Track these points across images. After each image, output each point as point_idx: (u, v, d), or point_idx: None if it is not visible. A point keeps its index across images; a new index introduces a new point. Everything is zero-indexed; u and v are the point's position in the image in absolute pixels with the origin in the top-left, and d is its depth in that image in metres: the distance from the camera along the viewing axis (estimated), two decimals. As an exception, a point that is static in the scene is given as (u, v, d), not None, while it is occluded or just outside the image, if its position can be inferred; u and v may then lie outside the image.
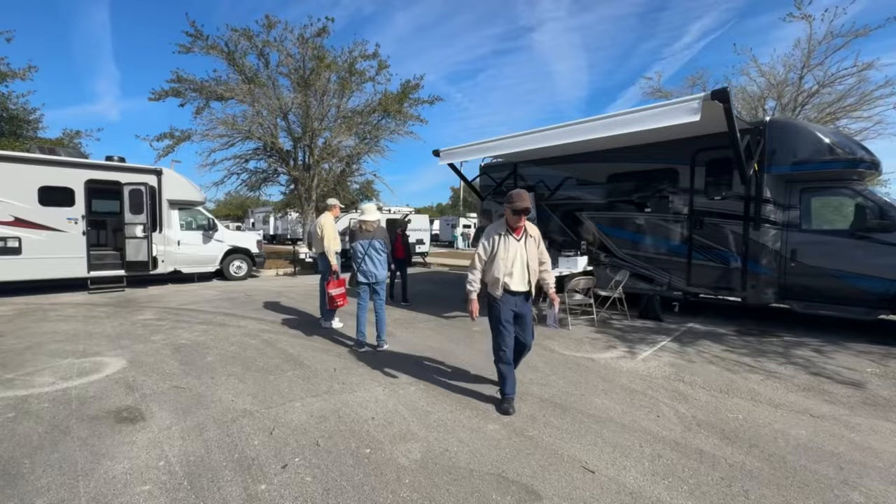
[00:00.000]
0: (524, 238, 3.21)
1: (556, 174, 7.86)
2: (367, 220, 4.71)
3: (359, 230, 4.71)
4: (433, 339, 5.34)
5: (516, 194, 3.08)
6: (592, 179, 7.27)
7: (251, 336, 5.41)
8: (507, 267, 3.14)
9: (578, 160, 7.30)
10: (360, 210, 4.91)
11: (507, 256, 3.13)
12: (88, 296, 8.41)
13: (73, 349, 4.79)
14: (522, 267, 3.18)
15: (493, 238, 3.20)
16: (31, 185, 8.15)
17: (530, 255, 3.20)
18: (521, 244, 3.18)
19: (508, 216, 3.16)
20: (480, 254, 3.24)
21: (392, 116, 14.61)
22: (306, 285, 10.39)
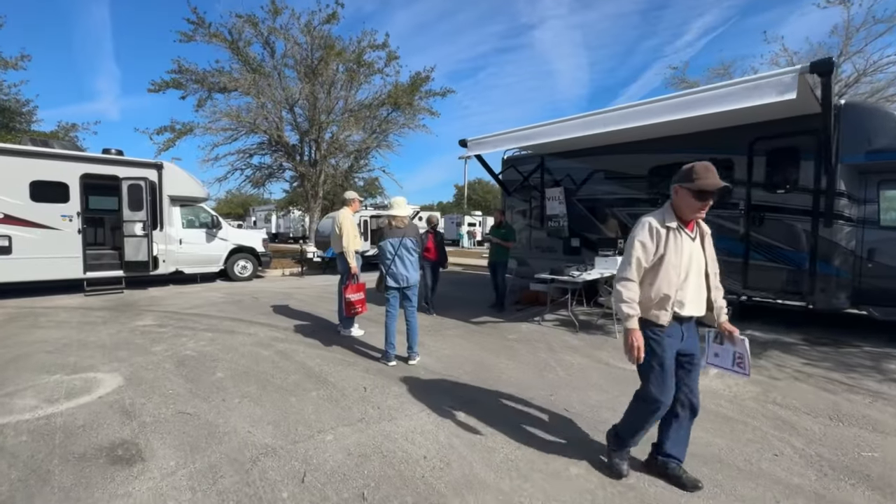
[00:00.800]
0: (698, 235, 2.18)
1: (588, 167, 7.27)
2: (398, 214, 4.12)
3: (388, 227, 4.12)
4: (467, 349, 4.76)
5: (701, 167, 2.02)
6: (631, 172, 6.68)
7: (263, 346, 4.83)
8: (680, 278, 2.09)
9: (615, 151, 6.71)
10: (388, 204, 4.32)
11: (679, 262, 2.08)
12: (84, 298, 7.83)
13: (62, 362, 4.21)
14: (700, 278, 2.16)
15: (659, 233, 2.08)
16: (22, 179, 7.56)
17: (709, 259, 2.20)
18: (696, 244, 2.15)
19: (685, 201, 2.06)
20: (640, 256, 2.10)
21: (402, 110, 14.01)
22: (316, 286, 9.81)
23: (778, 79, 3.62)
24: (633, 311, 2.06)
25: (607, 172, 7.10)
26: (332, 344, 4.94)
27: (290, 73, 12.75)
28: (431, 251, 6.65)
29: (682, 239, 2.10)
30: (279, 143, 13.06)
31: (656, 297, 2.10)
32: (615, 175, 6.95)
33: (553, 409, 3.17)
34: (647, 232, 2.10)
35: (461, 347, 4.84)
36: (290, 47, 11.88)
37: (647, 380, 2.18)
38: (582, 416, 3.07)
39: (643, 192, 6.58)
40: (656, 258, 2.09)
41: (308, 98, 12.18)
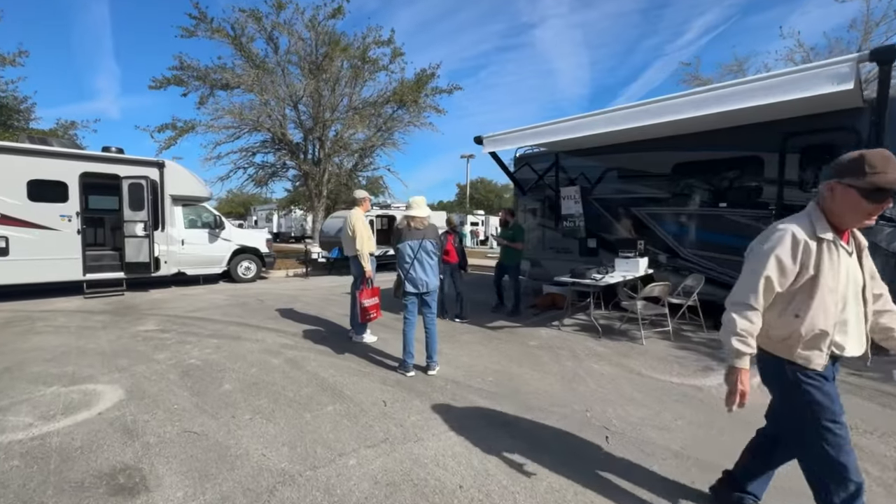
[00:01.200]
0: (854, 248, 1.66)
1: (606, 165, 7.00)
2: (417, 215, 3.86)
3: (407, 228, 3.86)
4: (487, 357, 4.50)
5: (879, 157, 1.46)
6: (652, 171, 6.42)
7: (272, 353, 4.58)
8: (838, 307, 1.57)
9: (636, 149, 6.44)
10: (406, 203, 4.05)
11: (836, 286, 1.56)
12: (84, 301, 7.58)
13: (60, 372, 3.96)
14: (858, 305, 1.63)
15: (807, 247, 1.56)
16: (20, 178, 7.31)
17: (868, 277, 1.66)
18: (853, 260, 1.63)
19: (848, 203, 1.52)
20: (773, 277, 1.58)
21: (407, 107, 13.74)
22: (322, 288, 9.56)
23: (834, 69, 3.35)
24: (747, 348, 1.61)
25: (626, 170, 6.83)
26: (345, 351, 4.68)
27: (294, 69, 12.50)
28: (452, 253, 6.21)
29: (838, 254, 1.56)
30: (283, 142, 12.80)
31: (808, 334, 1.57)
32: (635, 173, 6.68)
33: (592, 428, 2.91)
34: (790, 245, 1.55)
35: (481, 355, 4.59)
36: (294, 43, 11.62)
37: (822, 446, 1.57)
38: (625, 435, 2.81)
39: (665, 190, 6.32)
40: (804, 280, 1.56)
41: (312, 95, 11.92)
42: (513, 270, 6.59)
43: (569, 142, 6.08)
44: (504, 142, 5.93)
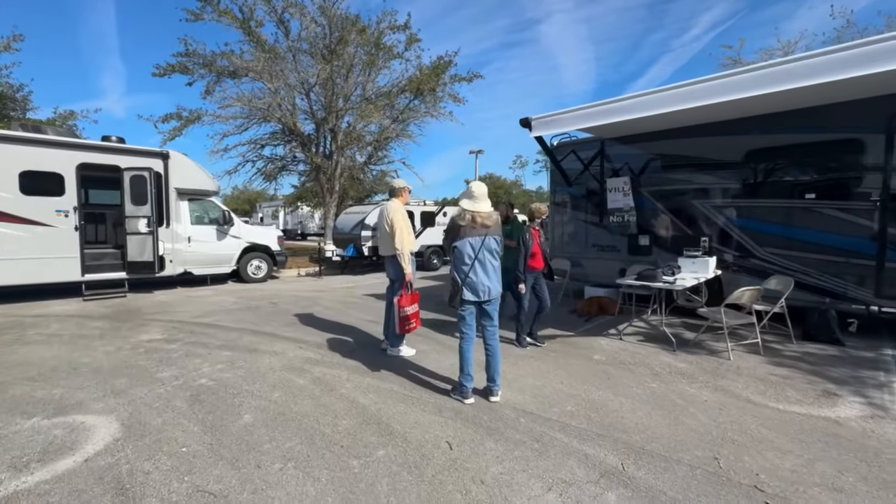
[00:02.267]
0: None
1: (662, 152, 6.24)
2: (482, 210, 3.13)
3: (470, 223, 3.12)
4: (553, 377, 3.78)
5: None
6: (720, 158, 5.65)
7: (296, 371, 3.87)
8: None
9: (699, 133, 5.67)
10: (464, 193, 3.30)
11: None
12: (82, 304, 6.93)
13: (45, 396, 3.28)
14: None
15: None
16: (11, 169, 6.65)
17: None
18: None
19: None
20: None
21: (424, 97, 12.99)
22: (338, 289, 8.87)
23: None
24: None
25: (688, 158, 6.05)
26: (381, 368, 3.97)
27: (305, 56, 11.75)
28: (538, 256, 4.63)
29: None
30: (293, 133, 12.08)
31: None
32: (699, 161, 5.91)
33: (736, 487, 2.18)
34: None
35: (544, 374, 3.86)
36: (307, 26, 10.87)
37: None
38: (789, 500, 2.08)
39: (736, 180, 5.55)
40: None
41: (325, 82, 11.19)
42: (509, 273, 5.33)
43: (626, 125, 5.31)
44: (556, 123, 5.18)
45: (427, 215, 12.26)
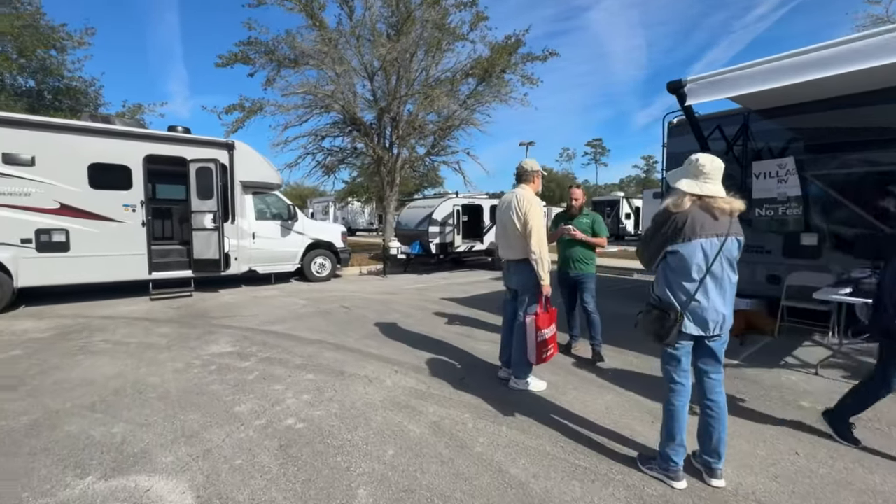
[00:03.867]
0: None
1: (838, 125, 4.79)
2: (717, 194, 2.02)
3: (699, 215, 2.01)
4: (778, 443, 2.63)
5: None
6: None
7: (403, 409, 2.98)
8: None
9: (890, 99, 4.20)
10: (679, 171, 2.19)
11: None
12: (149, 305, 6.51)
13: (104, 436, 2.58)
14: None
15: None
16: (80, 162, 6.31)
17: None
18: None
19: None
20: None
21: (490, 80, 11.90)
22: (408, 291, 8.04)
23: None
24: None
25: (870, 132, 4.59)
26: (512, 409, 2.98)
27: (368, 41, 11.01)
28: None
29: None
30: (354, 122, 11.41)
31: None
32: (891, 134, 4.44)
33: None
34: None
35: (757, 435, 2.72)
36: (371, 4, 10.09)
37: None
38: None
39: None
40: None
41: (390, 65, 10.39)
42: (591, 283, 4.11)
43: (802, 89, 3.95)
44: (716, 88, 3.92)
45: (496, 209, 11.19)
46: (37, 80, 10.49)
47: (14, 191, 5.87)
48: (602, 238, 4.11)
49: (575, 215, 4.17)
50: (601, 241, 4.11)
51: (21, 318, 5.59)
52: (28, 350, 4.27)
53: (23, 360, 3.98)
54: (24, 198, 5.92)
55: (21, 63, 9.87)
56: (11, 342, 4.53)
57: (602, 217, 4.30)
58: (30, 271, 5.99)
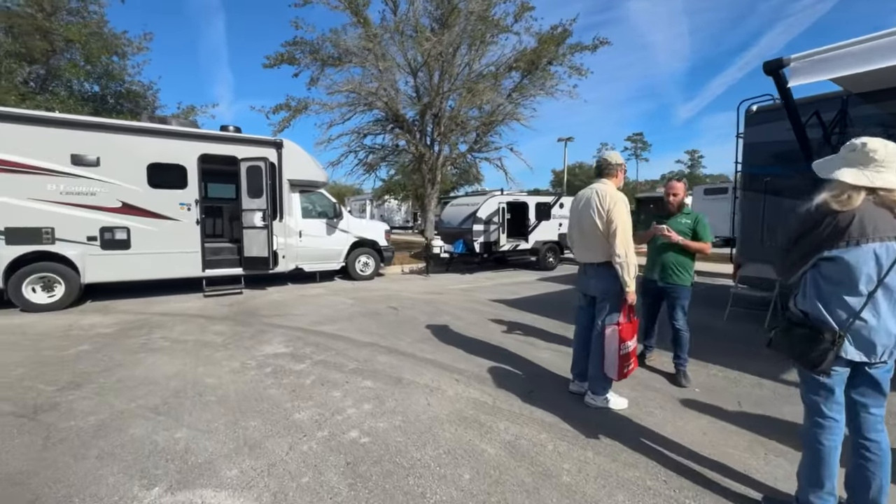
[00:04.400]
0: None
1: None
2: (894, 186, 1.62)
3: (879, 209, 1.62)
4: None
5: None
6: None
7: (471, 425, 2.74)
8: None
9: None
10: (837, 158, 1.79)
11: None
12: (202, 302, 6.64)
13: (168, 442, 2.50)
14: None
15: None
16: (140, 162, 6.50)
17: None
18: None
19: None
20: None
21: (536, 72, 11.45)
22: (454, 291, 7.82)
23: None
24: None
25: None
26: (595, 430, 2.67)
27: (411, 36, 10.86)
28: None
29: None
30: (397, 119, 11.32)
31: None
32: None
33: None
34: None
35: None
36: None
37: None
38: None
39: None
40: None
41: (434, 60, 10.19)
42: (684, 297, 3.51)
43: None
44: (826, 66, 3.39)
45: (542, 207, 10.77)
46: (101, 85, 11.12)
47: (81, 190, 6.11)
48: (705, 243, 3.44)
49: (672, 214, 3.56)
50: (703, 246, 3.43)
51: (88, 313, 5.81)
52: (95, 345, 4.37)
53: (90, 355, 4.06)
54: (89, 197, 6.16)
55: (87, 69, 10.45)
56: (81, 337, 4.67)
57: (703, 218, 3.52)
58: (95, 268, 6.23)
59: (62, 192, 5.99)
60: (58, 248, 5.97)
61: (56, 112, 6.48)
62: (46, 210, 5.90)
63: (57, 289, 6.00)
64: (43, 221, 5.89)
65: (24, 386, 3.32)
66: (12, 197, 5.70)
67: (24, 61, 9.82)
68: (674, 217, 3.54)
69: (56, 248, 5.96)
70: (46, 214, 5.90)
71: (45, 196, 5.89)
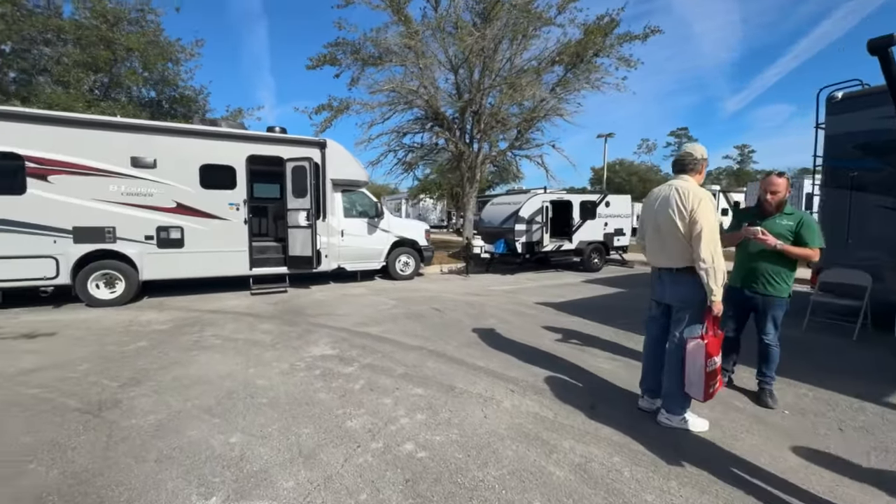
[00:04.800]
0: None
1: None
2: None
3: None
4: None
5: None
6: None
7: (533, 443, 2.53)
8: None
9: None
10: None
11: None
12: (250, 300, 6.78)
13: (223, 447, 2.45)
14: None
15: None
16: (193, 163, 6.71)
17: None
18: None
19: None
20: None
21: (580, 65, 11.00)
22: (497, 293, 7.59)
23: None
24: None
25: None
26: (679, 457, 2.39)
27: (452, 33, 10.71)
28: None
29: None
30: (437, 117, 11.20)
31: None
32: None
33: None
34: None
35: None
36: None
37: None
38: None
39: None
40: None
41: (476, 56, 9.98)
42: (779, 310, 3.05)
43: None
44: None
45: (587, 206, 10.32)
46: (157, 91, 11.72)
47: (140, 191, 6.38)
48: (812, 249, 2.94)
49: (770, 214, 3.07)
50: (809, 253, 2.94)
51: (145, 309, 6.05)
52: (152, 342, 4.50)
53: (148, 351, 4.17)
54: (147, 198, 6.42)
55: (145, 76, 11.03)
56: (139, 333, 4.84)
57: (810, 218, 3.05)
58: (152, 265, 6.50)
59: (122, 193, 6.27)
60: (119, 247, 6.26)
61: (118, 117, 6.81)
62: (108, 210, 6.19)
63: (118, 285, 6.30)
64: (105, 221, 6.19)
65: (90, 381, 3.42)
66: (79, 198, 6.01)
67: (90, 70, 10.47)
68: (771, 218, 3.06)
69: (117, 247, 6.25)
70: (108, 214, 6.20)
71: (107, 197, 6.19)
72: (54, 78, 10.20)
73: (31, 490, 2.09)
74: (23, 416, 2.82)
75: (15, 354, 4.07)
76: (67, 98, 9.52)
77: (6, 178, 5.70)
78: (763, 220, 3.09)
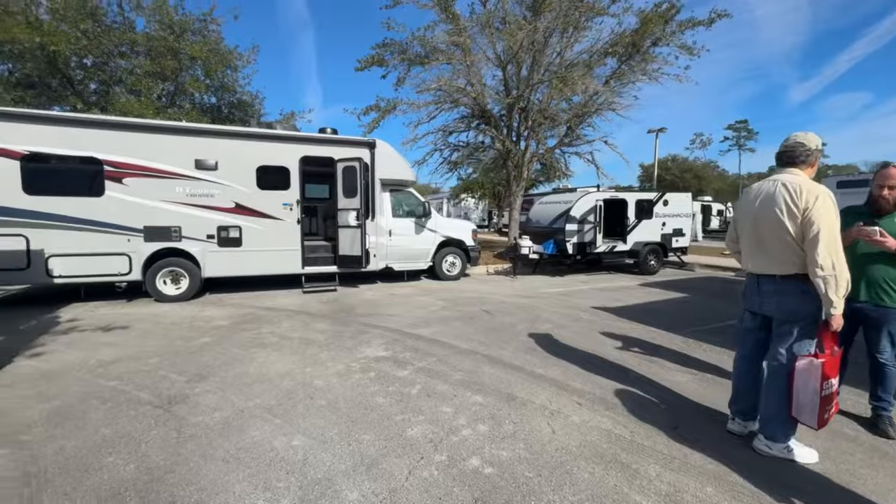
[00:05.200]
0: None
1: None
2: None
3: None
4: None
5: None
6: None
7: (609, 463, 2.30)
8: None
9: None
10: None
11: None
12: (303, 298, 6.92)
13: (286, 450, 2.42)
14: None
15: None
16: (251, 165, 6.94)
17: None
18: None
19: None
20: None
21: (635, 56, 10.39)
22: (548, 297, 7.30)
23: None
24: None
25: None
26: (788, 493, 2.08)
27: (501, 28, 10.47)
28: None
29: None
30: (483, 115, 11.00)
31: None
32: None
33: None
34: None
35: None
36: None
37: None
38: None
39: None
40: None
41: (525, 51, 9.69)
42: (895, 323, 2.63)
43: None
44: None
45: (643, 205, 9.74)
46: (217, 97, 12.38)
47: (202, 192, 6.68)
48: None
49: (887, 212, 2.63)
50: None
51: (207, 306, 6.31)
52: (214, 338, 4.65)
53: (211, 347, 4.31)
54: (209, 198, 6.71)
55: (206, 83, 11.66)
56: (202, 329, 5.03)
57: None
58: (213, 263, 6.79)
59: (187, 194, 6.59)
60: (184, 245, 6.59)
61: (183, 122, 7.18)
62: (174, 210, 6.53)
63: (182, 282, 6.63)
64: (172, 221, 6.53)
65: (160, 375, 3.55)
66: (149, 199, 6.38)
67: (159, 79, 11.21)
68: (889, 216, 2.62)
69: (182, 245, 6.58)
70: (174, 214, 6.53)
71: (174, 198, 6.52)
72: (128, 87, 11.00)
73: (109, 484, 2.14)
74: (103, 409, 2.95)
75: (94, 346, 4.33)
76: (139, 106, 10.24)
77: (87, 182, 6.15)
78: (880, 218, 2.65)
